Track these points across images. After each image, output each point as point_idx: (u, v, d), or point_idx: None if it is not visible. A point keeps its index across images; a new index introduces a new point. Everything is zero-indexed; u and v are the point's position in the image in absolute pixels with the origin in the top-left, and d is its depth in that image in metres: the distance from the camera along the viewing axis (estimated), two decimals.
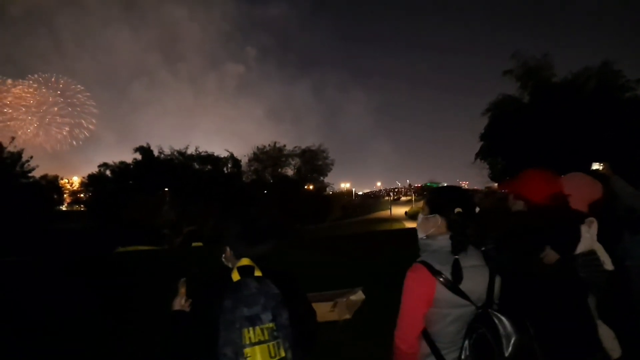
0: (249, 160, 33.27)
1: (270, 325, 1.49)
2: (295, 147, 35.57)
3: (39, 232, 18.77)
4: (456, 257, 1.52)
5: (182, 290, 1.68)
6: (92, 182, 28.22)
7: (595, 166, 3.79)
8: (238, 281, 1.52)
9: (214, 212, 23.71)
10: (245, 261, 1.57)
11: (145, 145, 26.22)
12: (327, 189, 38.72)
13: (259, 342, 1.47)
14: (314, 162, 35.69)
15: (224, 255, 1.69)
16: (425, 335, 1.54)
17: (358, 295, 2.28)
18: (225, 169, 29.47)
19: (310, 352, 1.66)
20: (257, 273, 1.55)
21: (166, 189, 24.68)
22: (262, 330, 1.48)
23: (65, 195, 35.04)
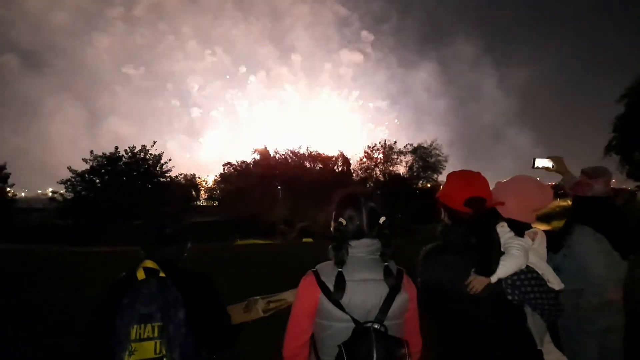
0: (360, 159, 33.73)
1: (160, 324, 1.56)
2: (406, 144, 34.82)
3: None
4: (340, 269, 1.45)
5: None
6: (222, 180, 32.09)
7: (542, 163, 2.62)
8: (142, 280, 1.61)
9: (324, 210, 24.52)
10: (149, 263, 1.65)
11: (263, 147, 28.75)
12: (441, 187, 36.81)
13: (148, 339, 1.54)
14: (426, 159, 34.27)
15: (140, 254, 1.78)
16: (313, 345, 1.53)
17: (294, 294, 2.12)
18: (335, 167, 30.27)
19: (223, 350, 1.78)
20: (161, 274, 1.63)
21: (279, 187, 26.54)
22: (152, 327, 1.55)
23: (201, 192, 40.38)
